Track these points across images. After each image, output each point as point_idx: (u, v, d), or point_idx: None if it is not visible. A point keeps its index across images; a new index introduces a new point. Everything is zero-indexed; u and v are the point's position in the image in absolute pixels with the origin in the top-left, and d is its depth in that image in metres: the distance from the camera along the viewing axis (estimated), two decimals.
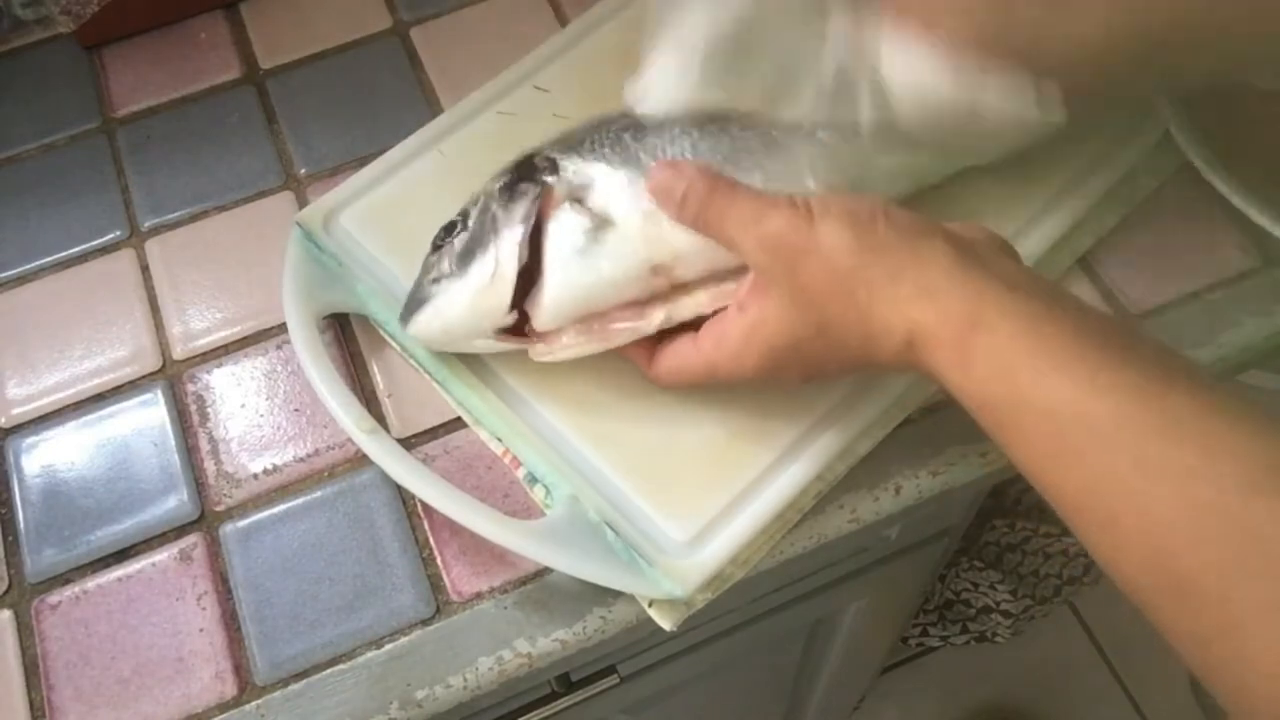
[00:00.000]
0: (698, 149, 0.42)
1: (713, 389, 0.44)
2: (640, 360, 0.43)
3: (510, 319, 0.42)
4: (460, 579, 0.44)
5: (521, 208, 0.42)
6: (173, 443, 0.48)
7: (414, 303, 0.44)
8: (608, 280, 0.41)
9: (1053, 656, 1.30)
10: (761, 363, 0.39)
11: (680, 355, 0.41)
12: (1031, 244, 0.48)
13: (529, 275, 0.41)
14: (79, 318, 0.52)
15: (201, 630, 0.43)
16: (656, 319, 0.41)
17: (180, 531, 0.46)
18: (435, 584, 0.44)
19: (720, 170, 0.41)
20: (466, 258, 0.42)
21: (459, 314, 0.42)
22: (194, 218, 0.54)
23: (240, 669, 0.43)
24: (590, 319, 0.42)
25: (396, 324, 0.48)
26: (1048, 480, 0.33)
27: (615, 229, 0.41)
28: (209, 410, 0.49)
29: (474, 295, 0.42)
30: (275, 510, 0.46)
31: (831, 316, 0.37)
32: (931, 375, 0.36)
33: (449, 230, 0.44)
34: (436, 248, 0.44)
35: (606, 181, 0.42)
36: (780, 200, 0.38)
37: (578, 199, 0.42)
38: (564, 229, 0.41)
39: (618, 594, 0.43)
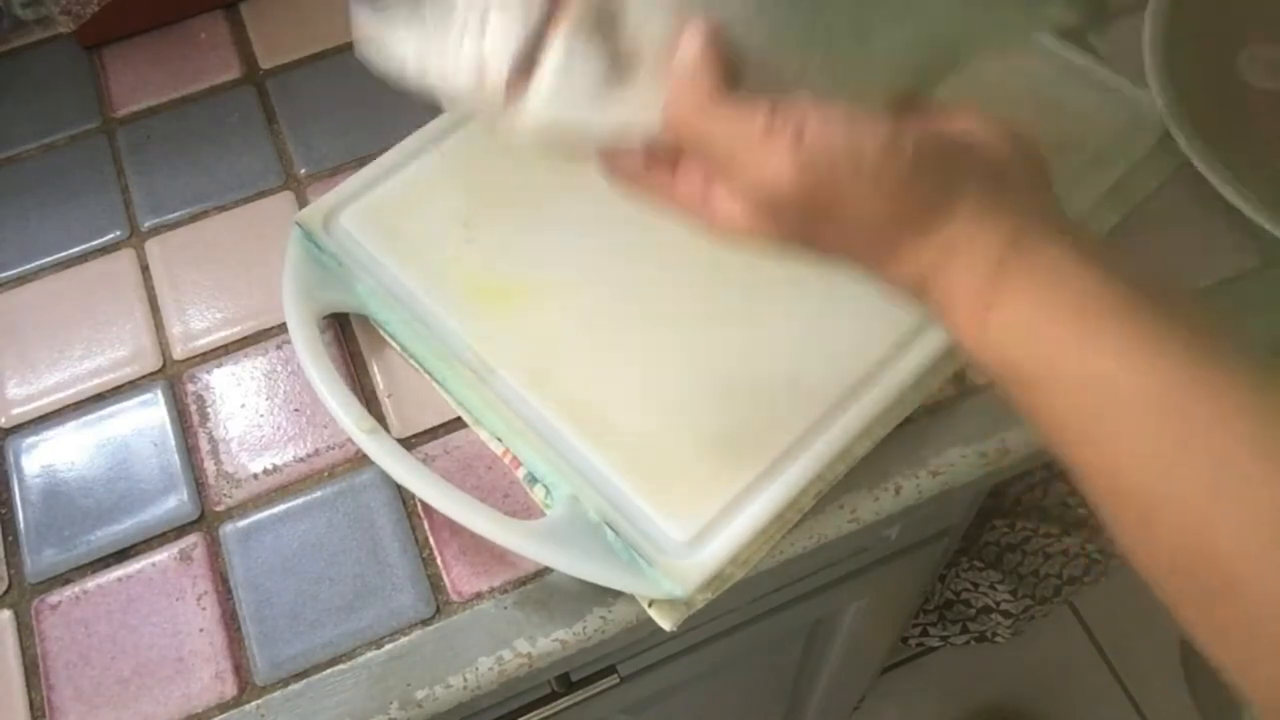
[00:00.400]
0: None
1: (712, 389, 0.44)
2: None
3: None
4: (460, 579, 0.44)
5: (523, 13, 0.33)
6: (173, 443, 0.48)
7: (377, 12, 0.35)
8: (608, 131, 0.34)
9: (1053, 656, 1.30)
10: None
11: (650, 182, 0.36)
12: None
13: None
14: (79, 318, 0.52)
15: (201, 630, 0.43)
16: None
17: (180, 531, 0.46)
18: (435, 584, 0.44)
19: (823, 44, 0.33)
20: (443, 22, 0.34)
21: (423, 77, 0.36)
22: (194, 218, 0.54)
23: (240, 669, 0.43)
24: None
25: (396, 324, 0.48)
26: (1076, 456, 0.30)
27: (635, 82, 0.33)
28: (209, 410, 0.49)
29: (448, 80, 0.35)
30: (275, 510, 0.46)
31: (836, 255, 0.33)
32: (942, 322, 0.33)
33: None
34: None
35: (644, 16, 0.32)
36: (782, 132, 0.30)
37: (603, 21, 0.33)
38: (573, 61, 0.33)
39: (618, 594, 0.43)
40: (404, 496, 0.46)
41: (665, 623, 0.42)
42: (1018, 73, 0.54)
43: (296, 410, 0.48)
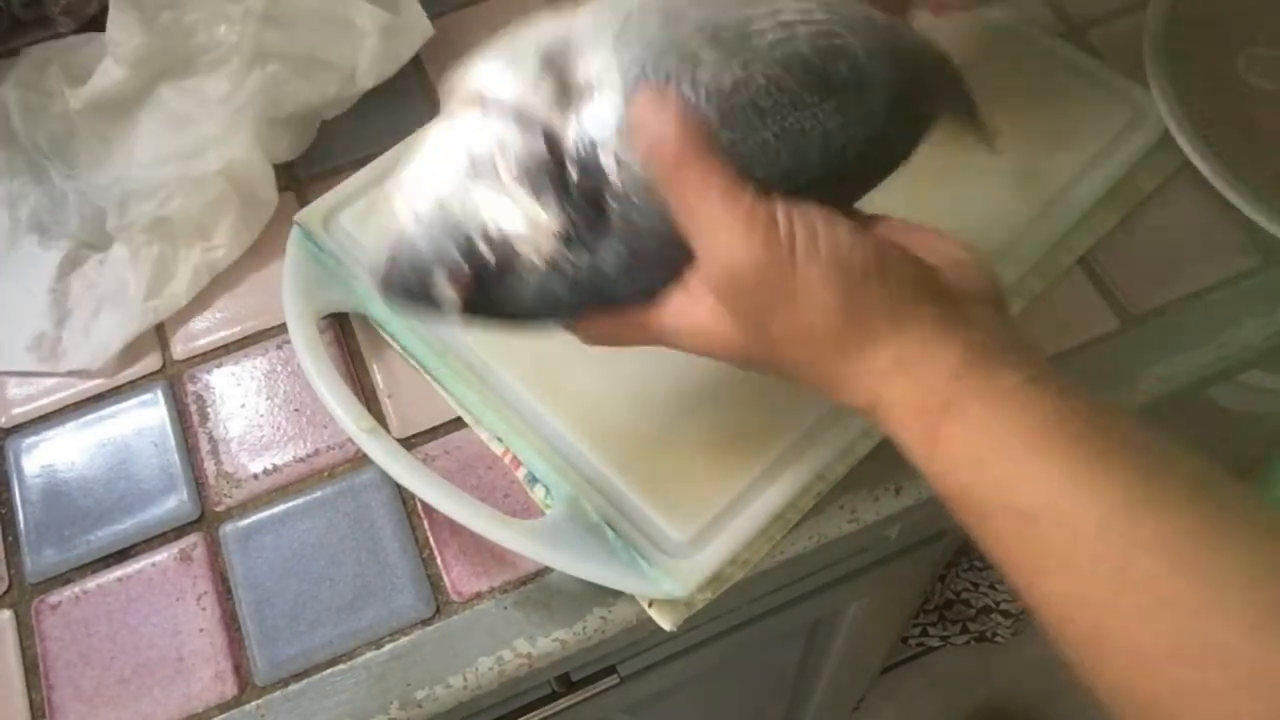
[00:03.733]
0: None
1: (712, 388, 0.44)
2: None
3: None
4: (460, 579, 0.44)
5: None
6: (173, 443, 0.48)
7: None
8: None
9: (1053, 656, 1.28)
10: (696, 351, 0.35)
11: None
12: (1032, 243, 0.48)
13: None
14: None
15: (201, 630, 0.43)
16: None
17: (180, 531, 0.46)
18: (435, 584, 0.44)
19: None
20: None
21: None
22: None
23: (240, 669, 0.43)
24: None
25: (396, 323, 0.48)
26: (1024, 583, 0.30)
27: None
28: (209, 410, 0.49)
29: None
30: (275, 510, 0.46)
31: (791, 360, 0.34)
32: (893, 437, 0.33)
33: None
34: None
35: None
36: (758, 215, 0.31)
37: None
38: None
39: (618, 594, 0.43)
40: (404, 496, 0.46)
41: (665, 623, 0.42)
42: (1018, 72, 0.54)
43: (296, 410, 0.48)
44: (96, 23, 0.57)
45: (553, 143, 0.34)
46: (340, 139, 0.56)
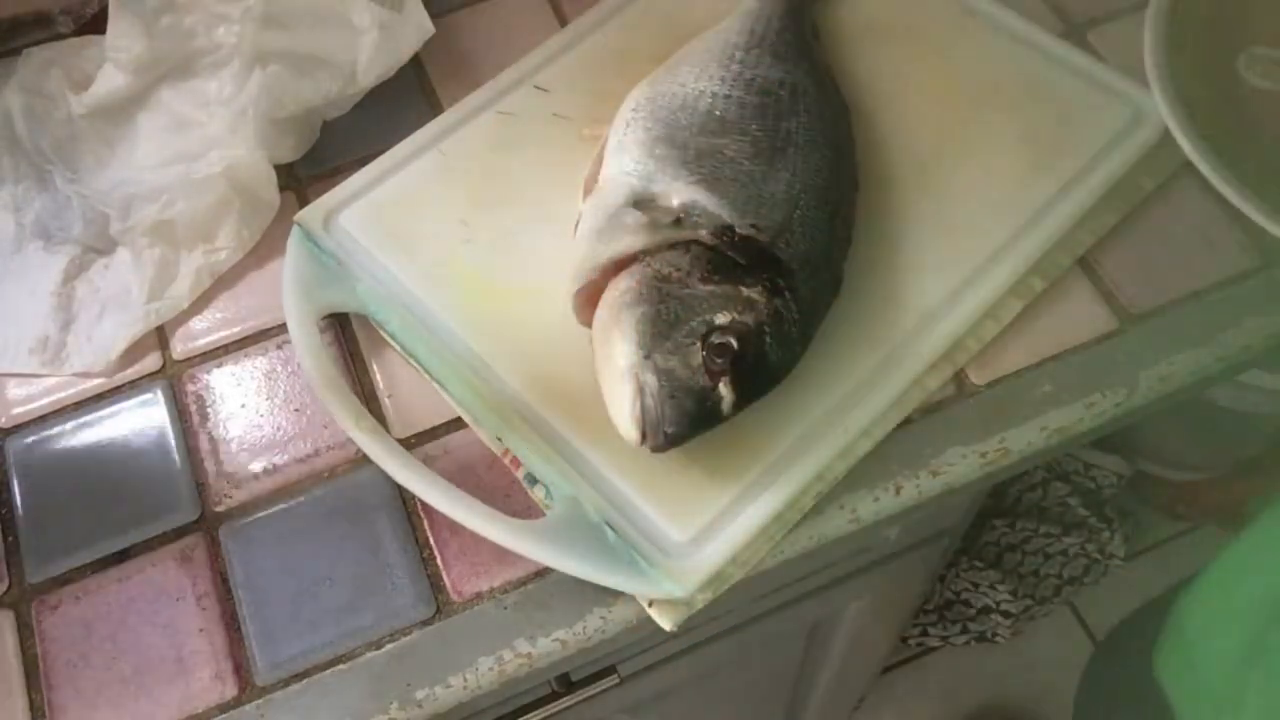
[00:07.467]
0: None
1: None
2: None
3: None
4: (460, 579, 0.44)
5: None
6: (173, 443, 0.48)
7: None
8: None
9: (1053, 656, 1.30)
10: None
11: None
12: (1032, 243, 0.48)
13: None
14: None
15: (201, 630, 0.43)
16: None
17: (180, 531, 0.46)
18: (435, 584, 0.44)
19: None
20: None
21: None
22: None
23: (240, 669, 0.43)
24: None
25: (396, 324, 0.48)
26: None
27: None
28: (209, 410, 0.49)
29: None
30: (275, 510, 0.46)
31: None
32: None
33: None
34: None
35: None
36: None
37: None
38: None
39: (618, 594, 0.43)
40: (404, 496, 0.46)
41: (665, 623, 0.42)
42: (1018, 73, 0.54)
43: (296, 410, 0.48)
44: (97, 21, 0.57)
45: (705, 243, 0.43)
46: (340, 139, 0.56)
